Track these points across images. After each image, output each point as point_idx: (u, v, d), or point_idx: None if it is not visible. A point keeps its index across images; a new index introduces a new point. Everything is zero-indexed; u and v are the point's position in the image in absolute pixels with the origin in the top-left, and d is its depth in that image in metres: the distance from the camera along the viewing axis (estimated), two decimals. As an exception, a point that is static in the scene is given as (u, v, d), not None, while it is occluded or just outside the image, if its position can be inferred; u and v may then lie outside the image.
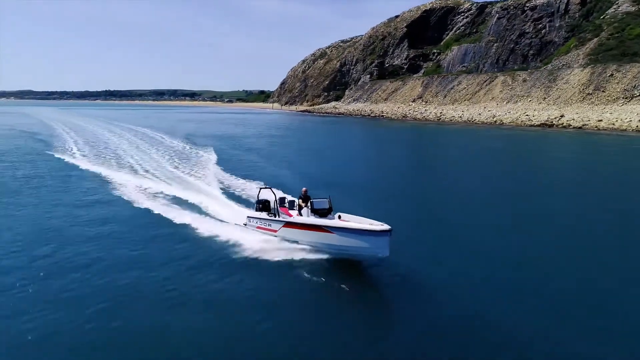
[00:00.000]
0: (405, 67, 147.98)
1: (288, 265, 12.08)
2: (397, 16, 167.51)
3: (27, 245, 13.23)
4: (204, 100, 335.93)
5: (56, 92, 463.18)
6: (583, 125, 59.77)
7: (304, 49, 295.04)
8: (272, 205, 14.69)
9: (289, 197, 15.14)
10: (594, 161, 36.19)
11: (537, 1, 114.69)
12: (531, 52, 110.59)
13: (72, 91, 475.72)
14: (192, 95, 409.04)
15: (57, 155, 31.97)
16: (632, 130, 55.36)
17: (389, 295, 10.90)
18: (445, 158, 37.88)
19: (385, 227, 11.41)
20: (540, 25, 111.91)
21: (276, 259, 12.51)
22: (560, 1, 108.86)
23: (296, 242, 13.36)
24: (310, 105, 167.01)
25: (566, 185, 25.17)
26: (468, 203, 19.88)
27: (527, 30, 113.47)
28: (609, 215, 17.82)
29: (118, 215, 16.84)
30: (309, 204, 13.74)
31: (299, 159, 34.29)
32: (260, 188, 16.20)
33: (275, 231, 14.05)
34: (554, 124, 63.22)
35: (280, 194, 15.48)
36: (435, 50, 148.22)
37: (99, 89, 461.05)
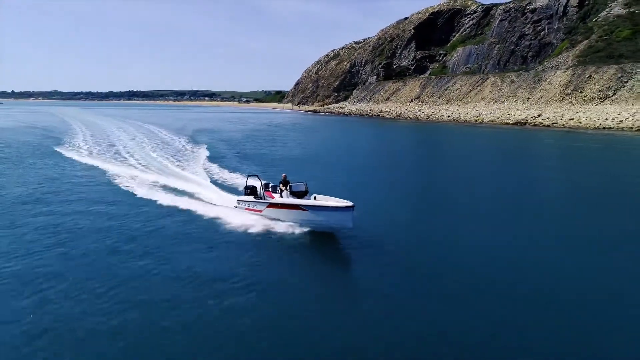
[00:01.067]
0: (412, 68, 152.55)
1: (270, 239, 14.41)
2: (405, 18, 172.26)
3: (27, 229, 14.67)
4: (222, 100, 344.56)
5: (82, 92, 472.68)
6: (552, 123, 64.44)
7: (324, 50, 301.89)
8: (258, 190, 17.08)
9: (271, 183, 17.62)
10: (513, 152, 41.48)
11: (537, 4, 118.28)
12: (530, 53, 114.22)
13: (97, 92, 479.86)
14: (212, 95, 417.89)
15: (61, 150, 35.37)
16: (592, 128, 59.90)
17: (357, 264, 12.73)
18: (389, 148, 43.69)
19: (349, 204, 13.86)
20: (540, 27, 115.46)
21: (261, 233, 14.82)
22: (559, 4, 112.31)
23: (278, 219, 15.88)
24: (321, 106, 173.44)
25: (468, 171, 30.89)
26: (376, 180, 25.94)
27: (526, 32, 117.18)
28: (520, 191, 23.63)
29: (116, 200, 19.24)
30: (288, 187, 16.26)
31: (264, 148, 40.72)
32: (248, 176, 18.89)
33: (261, 211, 16.58)
34: (527, 122, 68.00)
35: (264, 180, 17.81)
36: (441, 52, 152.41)
37: (123, 90, 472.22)
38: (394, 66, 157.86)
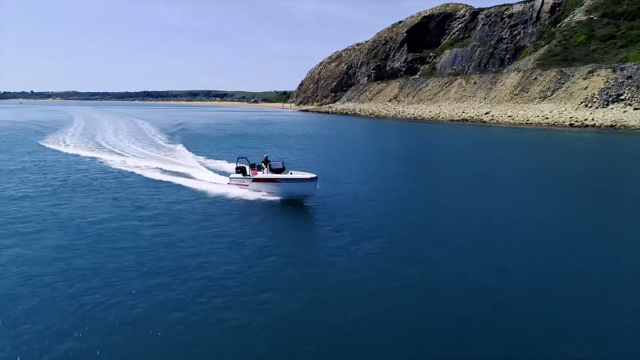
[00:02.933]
0: (404, 69, 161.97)
1: (256, 205, 19.02)
2: (400, 22, 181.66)
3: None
4: (232, 100, 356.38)
5: (98, 93, 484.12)
6: (490, 120, 73.91)
7: (337, 50, 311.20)
8: (247, 169, 21.46)
9: (257, 163, 21.77)
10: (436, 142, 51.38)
11: (514, 9, 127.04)
12: (507, 56, 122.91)
13: (113, 92, 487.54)
14: (223, 95, 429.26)
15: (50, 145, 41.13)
16: (523, 123, 69.23)
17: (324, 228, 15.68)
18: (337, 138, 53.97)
19: (313, 175, 18.47)
20: (516, 32, 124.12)
21: (249, 200, 19.62)
22: (533, 9, 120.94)
23: (260, 191, 20.22)
24: (319, 105, 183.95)
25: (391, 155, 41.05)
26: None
27: (504, 36, 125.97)
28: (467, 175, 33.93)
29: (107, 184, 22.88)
30: (268, 165, 20.54)
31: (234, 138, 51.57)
32: (238, 158, 23.26)
33: (247, 185, 20.93)
34: (471, 119, 77.51)
35: (251, 161, 22.32)
36: (432, 54, 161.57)
37: (138, 90, 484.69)
38: (387, 68, 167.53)
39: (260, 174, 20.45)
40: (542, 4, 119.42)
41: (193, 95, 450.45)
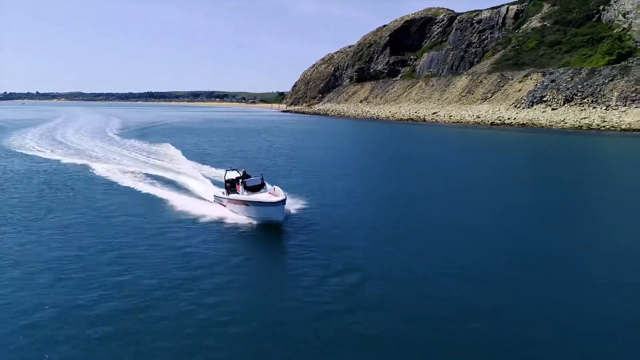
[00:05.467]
0: (386, 71, 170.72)
1: (231, 228, 16.29)
2: (384, 25, 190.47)
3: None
4: (230, 101, 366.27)
5: (102, 94, 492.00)
6: (431, 119, 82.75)
7: (330, 52, 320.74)
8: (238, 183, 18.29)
9: (247, 177, 18.99)
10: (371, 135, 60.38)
11: (483, 15, 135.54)
12: (476, 59, 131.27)
13: (117, 93, 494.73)
14: (224, 96, 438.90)
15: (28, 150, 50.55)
16: (459, 121, 78.05)
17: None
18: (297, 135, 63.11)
19: (278, 199, 15.66)
20: (484, 36, 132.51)
21: (227, 223, 16.73)
22: (499, 16, 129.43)
23: (236, 212, 17.31)
24: (309, 106, 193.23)
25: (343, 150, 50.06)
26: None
27: (473, 41, 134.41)
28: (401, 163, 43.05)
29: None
30: (243, 182, 17.80)
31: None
32: (227, 170, 20.28)
33: (225, 206, 18.21)
34: (415, 118, 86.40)
35: (235, 174, 19.54)
36: (412, 57, 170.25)
37: (141, 91, 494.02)
38: (371, 70, 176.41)
39: (236, 193, 18.04)
40: (507, 10, 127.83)
41: (195, 95, 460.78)
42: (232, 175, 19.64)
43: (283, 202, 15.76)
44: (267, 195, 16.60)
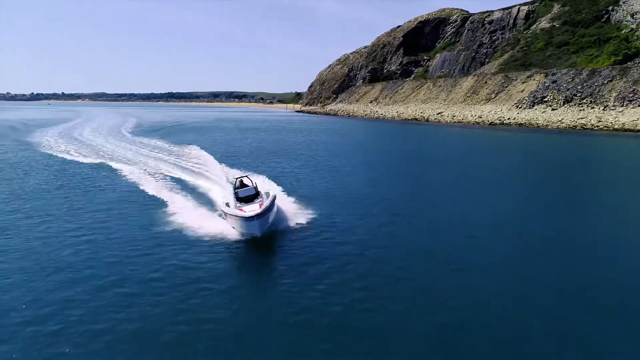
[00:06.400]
0: (399, 72, 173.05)
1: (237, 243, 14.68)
2: (398, 26, 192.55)
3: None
4: (249, 101, 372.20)
5: (125, 94, 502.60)
6: (434, 119, 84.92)
7: (345, 53, 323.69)
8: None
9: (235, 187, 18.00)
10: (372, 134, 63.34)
11: (494, 16, 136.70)
12: (487, 60, 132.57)
13: (139, 93, 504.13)
14: (243, 96, 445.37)
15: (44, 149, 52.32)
16: (461, 121, 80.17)
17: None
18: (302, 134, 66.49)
19: (251, 213, 14.32)
20: (495, 37, 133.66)
21: (230, 239, 14.97)
22: (510, 16, 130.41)
23: (233, 227, 15.64)
24: (323, 107, 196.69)
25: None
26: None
27: (484, 41, 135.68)
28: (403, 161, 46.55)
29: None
30: (234, 193, 16.95)
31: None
32: (236, 178, 19.19)
33: (226, 220, 16.44)
34: (419, 118, 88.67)
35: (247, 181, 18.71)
36: (426, 57, 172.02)
37: (163, 92, 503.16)
38: (384, 70, 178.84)
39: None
40: (518, 11, 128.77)
41: (215, 96, 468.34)
42: (248, 182, 18.73)
43: (258, 216, 14.41)
44: (250, 207, 15.58)
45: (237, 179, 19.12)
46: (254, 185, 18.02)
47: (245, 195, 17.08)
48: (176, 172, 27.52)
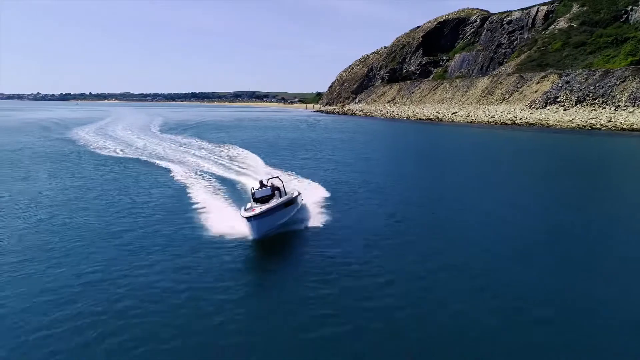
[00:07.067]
0: (418, 72, 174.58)
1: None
2: (418, 27, 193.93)
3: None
4: (270, 101, 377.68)
5: (149, 94, 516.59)
6: (449, 119, 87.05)
7: (366, 53, 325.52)
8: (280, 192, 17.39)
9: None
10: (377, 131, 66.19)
11: (513, 16, 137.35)
12: (505, 60, 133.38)
13: (163, 93, 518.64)
14: (264, 97, 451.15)
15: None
16: (475, 121, 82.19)
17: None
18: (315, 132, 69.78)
19: (249, 214, 14.10)
20: (513, 37, 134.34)
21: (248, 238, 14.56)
22: (529, 17, 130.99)
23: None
24: (342, 106, 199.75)
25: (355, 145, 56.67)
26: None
27: (502, 42, 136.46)
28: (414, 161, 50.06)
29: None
30: (251, 193, 16.96)
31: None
32: (261, 181, 18.33)
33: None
34: (433, 118, 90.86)
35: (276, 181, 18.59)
36: (445, 57, 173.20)
37: (186, 92, 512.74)
38: (403, 71, 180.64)
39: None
40: (537, 11, 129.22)
41: (237, 96, 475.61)
42: (276, 183, 18.25)
43: (255, 217, 14.15)
44: (258, 208, 15.08)
45: (268, 179, 18.66)
46: (275, 185, 17.60)
47: (261, 195, 16.69)
48: (219, 170, 28.26)
